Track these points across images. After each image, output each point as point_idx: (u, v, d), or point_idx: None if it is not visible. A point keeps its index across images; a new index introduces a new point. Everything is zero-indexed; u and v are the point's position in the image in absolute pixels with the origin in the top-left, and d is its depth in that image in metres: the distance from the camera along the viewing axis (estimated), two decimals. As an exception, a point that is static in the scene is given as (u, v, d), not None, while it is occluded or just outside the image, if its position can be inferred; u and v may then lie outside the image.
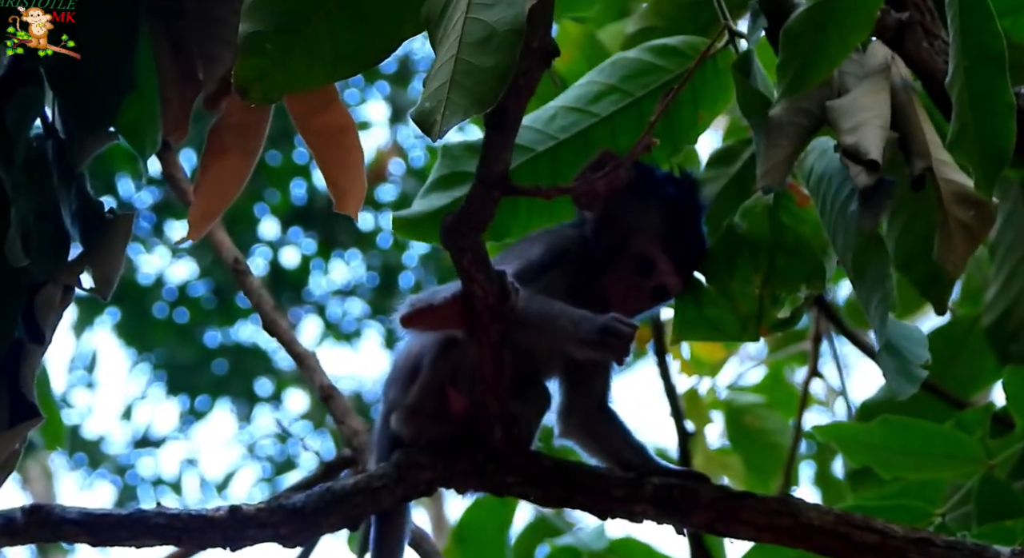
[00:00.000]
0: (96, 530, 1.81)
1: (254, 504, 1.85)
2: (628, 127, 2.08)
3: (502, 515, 3.53)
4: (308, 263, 9.20)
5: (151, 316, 8.93)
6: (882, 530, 1.77)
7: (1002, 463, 2.11)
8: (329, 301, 9.34)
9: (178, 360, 9.04)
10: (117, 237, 1.87)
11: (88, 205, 1.88)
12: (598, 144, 2.07)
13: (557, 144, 2.08)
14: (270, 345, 9.11)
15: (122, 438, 9.32)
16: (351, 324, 9.38)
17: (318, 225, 9.02)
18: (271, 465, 9.26)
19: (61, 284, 1.87)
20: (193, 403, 9.18)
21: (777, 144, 1.77)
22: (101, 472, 9.12)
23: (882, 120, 1.73)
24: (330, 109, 1.94)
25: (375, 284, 9.23)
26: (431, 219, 2.04)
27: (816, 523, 1.78)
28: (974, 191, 1.70)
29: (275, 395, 9.28)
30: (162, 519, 1.82)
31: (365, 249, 9.19)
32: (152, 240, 8.91)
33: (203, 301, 9.03)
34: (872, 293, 1.76)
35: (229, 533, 1.83)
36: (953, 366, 2.89)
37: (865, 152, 1.69)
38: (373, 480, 1.87)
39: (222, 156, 1.94)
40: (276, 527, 1.83)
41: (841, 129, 1.74)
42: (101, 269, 1.87)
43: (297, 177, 8.96)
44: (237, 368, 9.07)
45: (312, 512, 1.84)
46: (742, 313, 1.98)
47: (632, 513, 1.85)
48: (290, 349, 2.85)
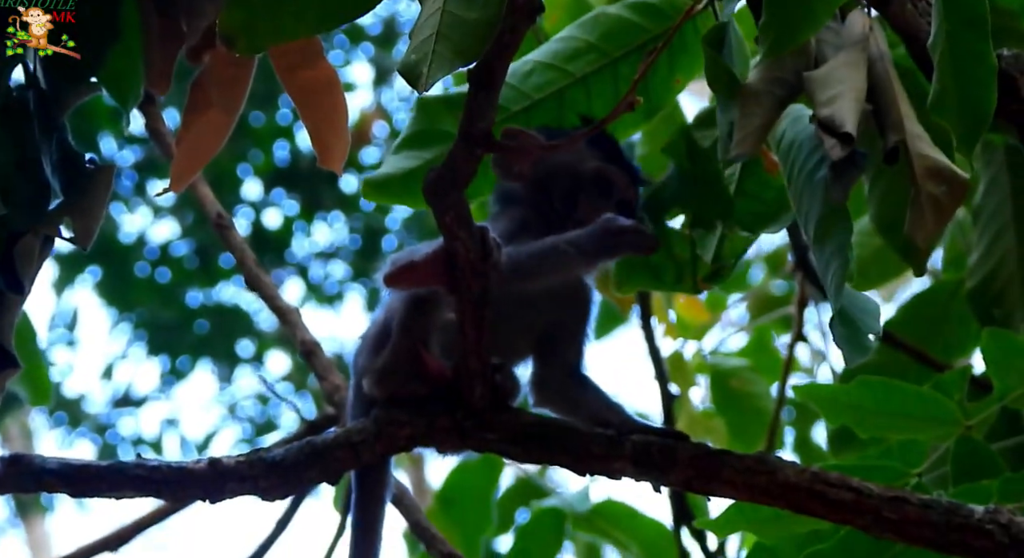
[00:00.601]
0: (76, 481, 1.82)
1: (234, 457, 1.85)
2: (603, 90, 2.09)
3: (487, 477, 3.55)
4: (291, 225, 9.20)
5: (133, 276, 8.93)
6: (858, 488, 1.77)
7: (979, 424, 2.13)
8: (311, 263, 9.33)
9: (159, 320, 9.04)
10: (98, 188, 1.86)
11: (69, 156, 1.87)
12: (573, 106, 2.09)
13: (532, 104, 2.08)
14: (252, 306, 9.12)
15: (103, 397, 9.34)
16: (333, 286, 9.39)
17: (301, 187, 9.01)
18: (252, 426, 9.28)
19: (41, 234, 1.86)
20: (174, 363, 9.19)
21: (752, 113, 1.77)
22: (81, 431, 9.13)
23: (858, 92, 1.73)
24: (315, 64, 1.94)
25: (358, 247, 9.23)
26: (401, 181, 2.05)
27: (792, 481, 1.79)
28: (947, 166, 1.71)
29: (256, 356, 9.29)
30: (142, 471, 1.83)
31: (348, 212, 9.19)
32: (134, 199, 8.89)
33: (185, 261, 9.03)
34: (831, 261, 1.76)
35: (209, 486, 1.83)
36: (936, 331, 2.91)
37: (840, 124, 1.69)
38: (353, 435, 1.87)
39: (205, 110, 1.94)
40: (256, 480, 1.84)
41: (817, 100, 1.74)
42: (82, 220, 1.86)
43: (281, 138, 8.94)
44: (218, 329, 9.07)
45: (292, 466, 1.84)
46: (678, 258, 1.99)
47: (611, 471, 1.86)
48: (272, 305, 2.84)
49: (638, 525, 3.44)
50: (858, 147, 1.69)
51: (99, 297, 9.06)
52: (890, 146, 1.73)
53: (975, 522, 1.76)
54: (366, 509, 1.96)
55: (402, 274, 1.83)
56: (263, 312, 9.10)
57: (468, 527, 3.46)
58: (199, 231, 8.78)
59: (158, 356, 9.19)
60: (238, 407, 9.38)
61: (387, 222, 9.16)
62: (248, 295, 9.10)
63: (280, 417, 9.21)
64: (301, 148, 8.89)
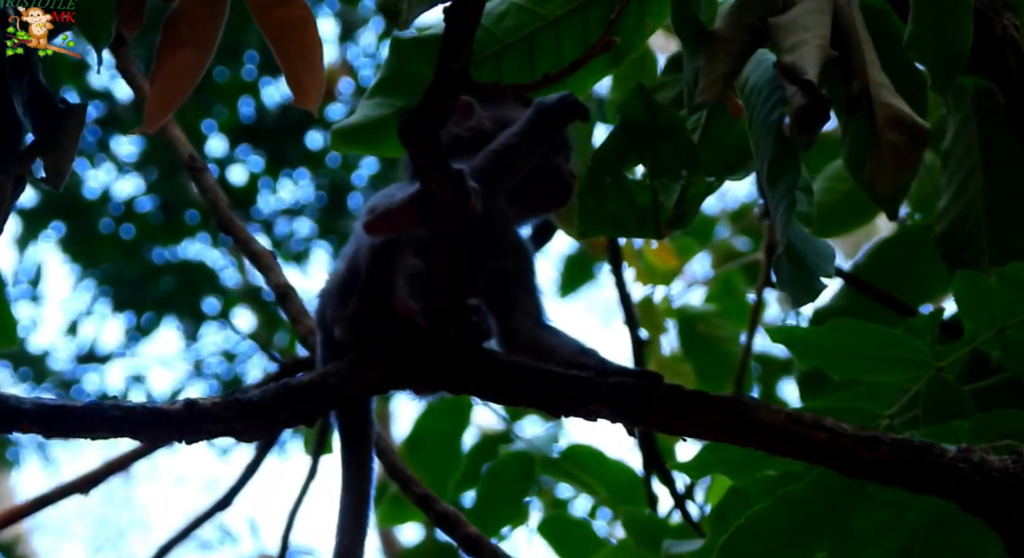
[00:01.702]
0: (51, 422, 1.83)
1: (210, 399, 1.85)
2: (572, 35, 2.09)
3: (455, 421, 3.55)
4: (256, 181, 9.13)
5: (97, 231, 8.85)
6: (832, 429, 1.77)
7: (950, 366, 2.14)
8: (277, 220, 9.28)
9: (124, 276, 8.97)
10: (70, 127, 1.84)
11: (40, 95, 1.85)
12: (543, 50, 2.08)
13: (503, 48, 2.07)
14: (218, 263, 9.07)
15: (67, 353, 9.29)
16: (299, 244, 9.34)
17: (266, 143, 8.95)
18: (218, 383, 9.25)
19: (12, 174, 1.84)
20: (139, 320, 9.14)
21: (718, 59, 1.77)
22: (46, 387, 9.08)
23: (822, 39, 1.73)
24: (289, 1, 1.92)
25: (323, 204, 9.18)
26: (371, 129, 2.03)
27: (767, 421, 1.78)
28: (908, 114, 1.70)
29: (222, 313, 9.25)
30: (118, 412, 1.84)
31: (314, 168, 9.13)
32: (98, 155, 8.82)
33: (149, 217, 8.96)
34: (781, 201, 1.77)
35: (185, 427, 1.83)
36: (904, 275, 2.91)
37: (802, 71, 1.69)
38: (328, 377, 1.87)
39: (177, 48, 1.91)
40: (231, 422, 1.84)
41: (781, 47, 1.74)
42: (53, 159, 1.84)
43: (245, 94, 8.86)
44: (184, 286, 9.02)
45: (268, 407, 1.84)
46: (639, 206, 1.99)
47: (586, 412, 1.85)
48: (246, 248, 2.82)
49: (607, 469, 3.44)
50: (824, 94, 1.69)
51: (63, 253, 9.00)
52: (853, 93, 1.73)
53: (948, 461, 1.76)
54: (352, 453, 1.97)
55: (382, 221, 1.82)
56: (228, 269, 9.08)
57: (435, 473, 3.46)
58: (164, 187, 8.72)
59: (123, 312, 9.13)
60: (204, 364, 9.35)
61: (353, 179, 9.11)
62: (214, 252, 9.07)
63: (247, 375, 9.20)
64: (266, 104, 8.82)
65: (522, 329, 1.94)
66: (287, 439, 7.55)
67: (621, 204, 2.01)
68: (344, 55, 9.05)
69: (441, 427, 3.52)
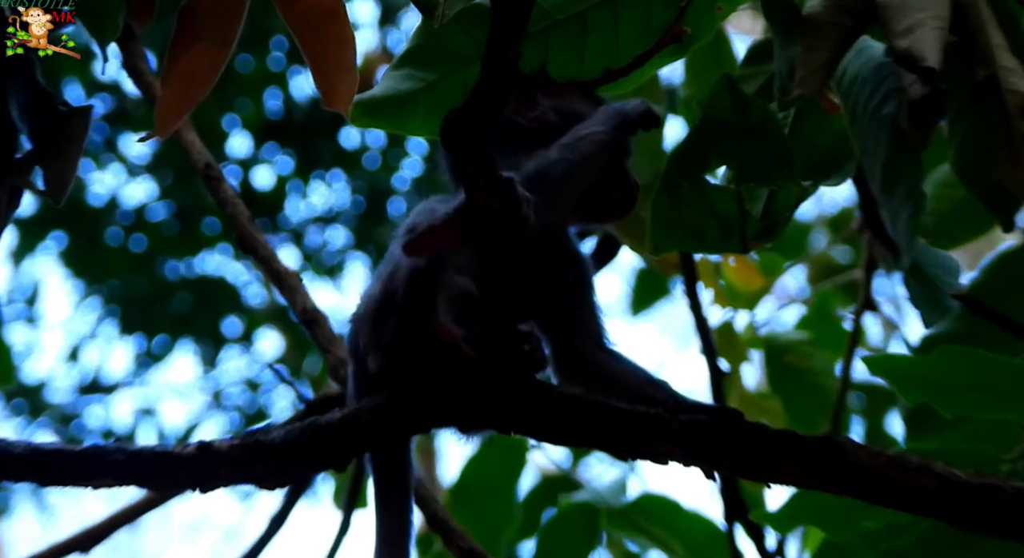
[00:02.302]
0: (46, 468, 1.83)
1: (227, 440, 1.85)
2: (632, 15, 2.07)
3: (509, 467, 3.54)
4: (284, 185, 9.18)
5: (103, 243, 8.92)
6: (942, 474, 1.76)
7: (1083, 402, 2.13)
8: (308, 229, 9.33)
9: (134, 294, 9.04)
10: (72, 133, 1.87)
11: (39, 96, 1.88)
12: (597, 29, 2.07)
13: (551, 24, 2.07)
14: (240, 278, 9.12)
15: (67, 383, 9.36)
16: (333, 256, 9.38)
17: (296, 141, 8.99)
18: (240, 416, 9.29)
19: (8, 185, 1.88)
20: (150, 344, 9.20)
21: (816, 47, 1.77)
22: (43, 421, 9.16)
23: (941, 21, 1.73)
24: (317, -10, 1.94)
25: (360, 210, 9.22)
26: (397, 104, 2.02)
27: (865, 465, 1.77)
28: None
29: (245, 335, 9.30)
30: (122, 456, 1.83)
31: (350, 170, 9.17)
32: (105, 156, 8.89)
33: (163, 226, 9.02)
34: (901, 209, 1.75)
35: (198, 472, 1.84)
36: (1026, 295, 2.89)
37: (920, 58, 1.69)
38: (362, 414, 1.88)
39: (193, 43, 1.94)
40: (251, 466, 1.84)
41: (892, 30, 1.73)
42: (54, 168, 1.87)
43: (272, 86, 8.92)
44: (202, 304, 9.07)
45: (293, 450, 1.84)
46: (721, 215, 2.00)
47: (656, 453, 1.85)
48: (269, 267, 2.83)
49: (683, 521, 3.43)
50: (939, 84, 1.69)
51: (64, 267, 9.08)
52: (979, 81, 1.73)
53: (1079, 514, 1.76)
54: (389, 504, 1.97)
55: (422, 240, 1.83)
56: (252, 285, 9.12)
57: (486, 523, 3.46)
58: (179, 192, 8.77)
59: (132, 335, 9.21)
60: (224, 394, 9.40)
61: (394, 182, 9.14)
62: (235, 266, 9.12)
63: (272, 406, 9.23)
64: (295, 97, 8.88)
65: (580, 352, 1.95)
66: (319, 482, 7.57)
67: (701, 213, 2.02)
68: (384, 41, 9.10)
69: (493, 471, 3.50)
